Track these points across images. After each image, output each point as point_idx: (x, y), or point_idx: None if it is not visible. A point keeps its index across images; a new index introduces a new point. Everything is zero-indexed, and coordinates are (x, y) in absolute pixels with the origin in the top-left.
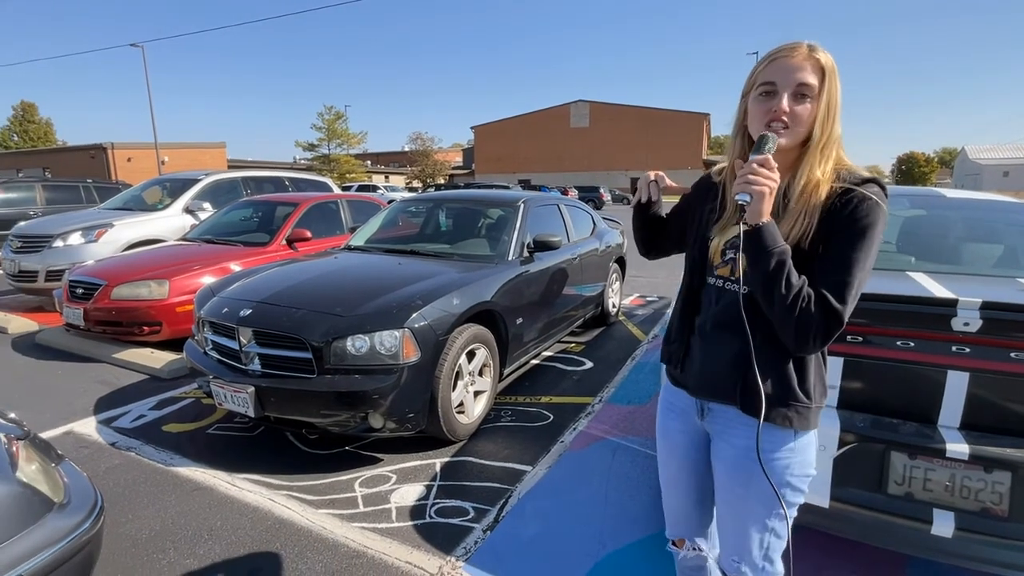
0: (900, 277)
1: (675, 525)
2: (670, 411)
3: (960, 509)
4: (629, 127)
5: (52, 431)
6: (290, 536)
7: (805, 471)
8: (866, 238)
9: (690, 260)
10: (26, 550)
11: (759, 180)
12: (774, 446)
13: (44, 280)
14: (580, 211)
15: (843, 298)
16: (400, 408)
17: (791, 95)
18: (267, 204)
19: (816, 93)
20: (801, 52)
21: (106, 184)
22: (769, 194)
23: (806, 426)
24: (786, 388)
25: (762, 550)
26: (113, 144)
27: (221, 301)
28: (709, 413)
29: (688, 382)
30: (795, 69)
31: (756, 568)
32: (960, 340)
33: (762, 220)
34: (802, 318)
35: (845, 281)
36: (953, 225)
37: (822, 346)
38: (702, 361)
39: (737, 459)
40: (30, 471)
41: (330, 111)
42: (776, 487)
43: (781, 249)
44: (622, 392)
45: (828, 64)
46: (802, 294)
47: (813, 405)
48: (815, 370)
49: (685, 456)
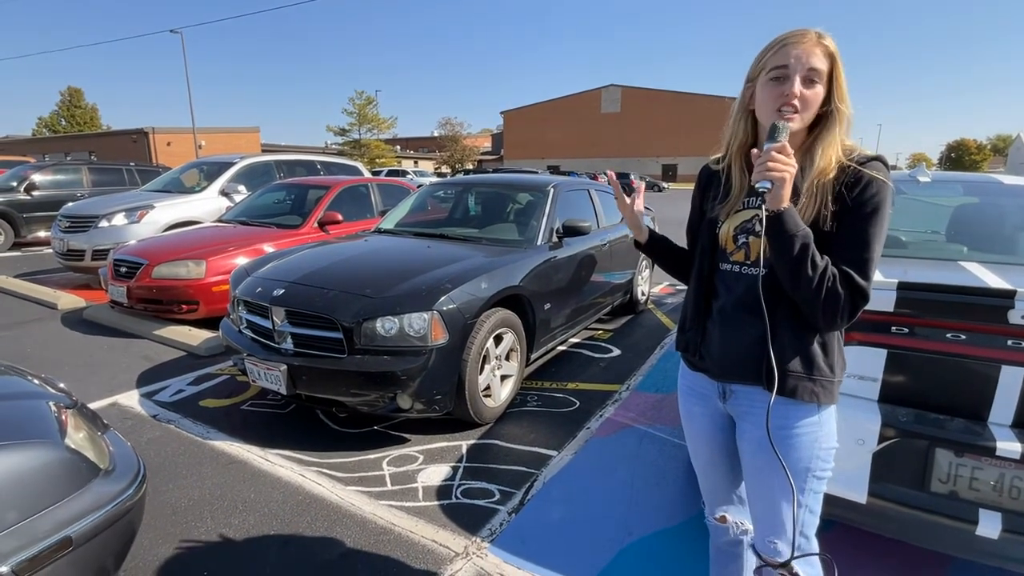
0: (951, 267)
1: (715, 503)
2: (690, 395)
3: (1008, 510)
4: (662, 112)
5: (98, 402)
6: (320, 511)
7: (830, 443)
8: (879, 215)
9: (699, 248)
10: (74, 513)
11: (778, 167)
12: (799, 421)
13: (90, 259)
14: (610, 196)
15: (866, 274)
16: (428, 390)
17: (802, 79)
18: (299, 187)
19: (824, 79)
20: (810, 38)
21: (147, 167)
22: (789, 179)
23: (831, 400)
24: (811, 364)
25: (798, 526)
26: (154, 129)
27: (255, 281)
28: (732, 395)
29: (709, 367)
30: (806, 55)
31: (791, 545)
32: (1017, 334)
33: (783, 205)
34: (829, 297)
35: (865, 258)
36: (1011, 213)
37: (850, 321)
38: (722, 345)
39: (763, 437)
40: (78, 439)
41: (361, 96)
42: (805, 462)
43: (804, 232)
44: (650, 380)
45: (835, 50)
46: (827, 273)
47: (836, 379)
48: (837, 345)
49: (713, 439)
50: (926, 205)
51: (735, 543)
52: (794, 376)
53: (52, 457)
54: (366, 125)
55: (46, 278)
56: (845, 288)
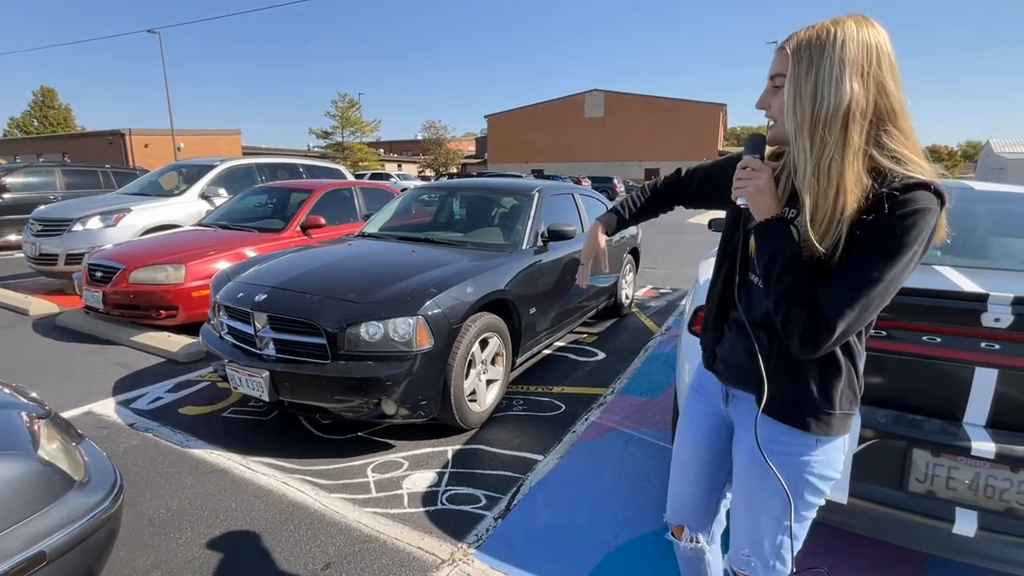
0: (926, 271)
1: (676, 509)
2: (697, 391)
3: (984, 509)
4: (644, 117)
5: (72, 411)
6: (303, 519)
7: (826, 472)
8: (891, 246)
9: (730, 254)
10: (48, 526)
11: (741, 184)
12: (795, 443)
13: (64, 263)
14: (594, 201)
15: (838, 309)
16: (413, 395)
17: (769, 88)
18: (281, 191)
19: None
20: (782, 44)
21: (124, 169)
22: (756, 192)
23: (826, 432)
24: (803, 391)
25: (775, 547)
26: (131, 130)
27: (236, 286)
28: (733, 400)
29: (719, 369)
30: (773, 61)
31: (767, 565)
32: (990, 336)
33: (766, 217)
34: (788, 317)
35: (847, 291)
36: (982, 218)
37: (812, 352)
38: (732, 351)
39: (755, 450)
40: (51, 449)
41: (344, 99)
42: (793, 485)
43: (782, 246)
44: (635, 383)
45: (795, 42)
46: (791, 294)
47: (837, 412)
48: (845, 376)
49: (705, 438)
50: None
51: (696, 560)
52: (785, 400)
53: (24, 469)
54: (349, 128)
55: (17, 283)
56: (808, 314)
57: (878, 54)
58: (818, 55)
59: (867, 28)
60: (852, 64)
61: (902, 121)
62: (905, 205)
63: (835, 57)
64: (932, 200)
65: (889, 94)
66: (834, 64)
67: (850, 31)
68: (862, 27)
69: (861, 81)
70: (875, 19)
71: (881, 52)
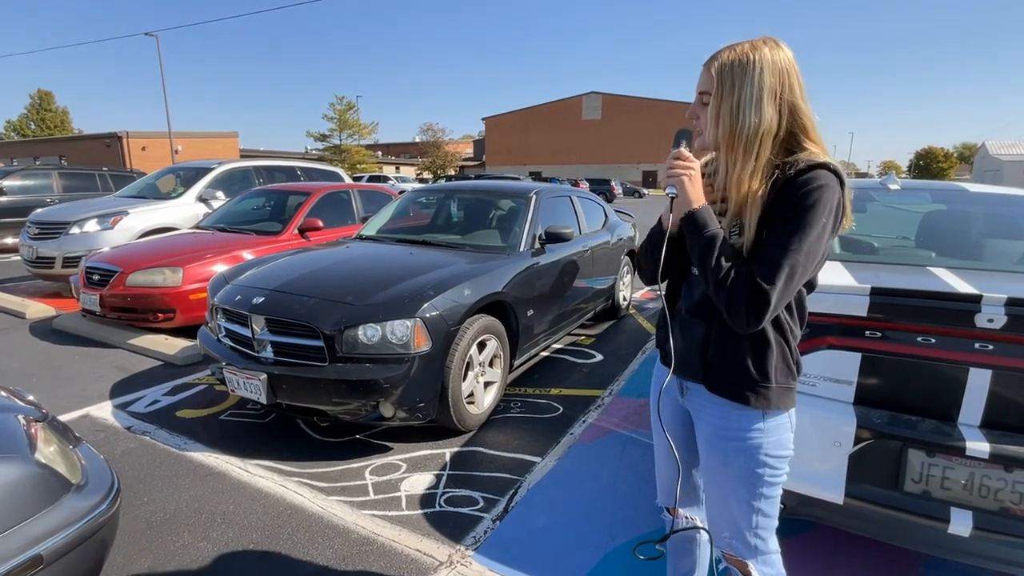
0: (920, 272)
1: (665, 493)
2: (657, 387)
3: (979, 508)
4: (642, 119)
5: (69, 414)
6: (301, 522)
7: (779, 451)
8: (801, 220)
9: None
10: (45, 530)
11: (675, 172)
12: (744, 425)
13: (61, 266)
14: (592, 203)
15: (769, 277)
16: (411, 397)
17: (698, 101)
18: (279, 193)
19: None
20: (707, 64)
21: (121, 172)
22: (689, 180)
23: (767, 406)
24: (741, 368)
25: (751, 528)
26: (128, 133)
27: (234, 289)
28: (688, 392)
29: (670, 362)
30: (700, 77)
31: (747, 545)
32: (983, 337)
33: (693, 206)
34: (729, 295)
35: (773, 261)
36: (976, 220)
37: (756, 325)
38: (678, 343)
39: (712, 437)
40: (48, 453)
41: (342, 101)
42: (751, 467)
43: (712, 232)
44: (632, 385)
45: (719, 65)
46: (730, 273)
47: (774, 385)
48: (777, 352)
49: (673, 431)
50: (896, 212)
51: (689, 539)
52: (725, 377)
53: (21, 473)
54: (347, 131)
55: (14, 286)
56: (746, 289)
57: (789, 78)
58: (740, 80)
59: (779, 53)
60: (769, 91)
61: (812, 133)
62: (807, 184)
63: (754, 84)
64: (831, 178)
65: (800, 112)
66: (753, 90)
67: (766, 58)
68: (775, 52)
69: (774, 105)
70: (783, 41)
71: (791, 75)
